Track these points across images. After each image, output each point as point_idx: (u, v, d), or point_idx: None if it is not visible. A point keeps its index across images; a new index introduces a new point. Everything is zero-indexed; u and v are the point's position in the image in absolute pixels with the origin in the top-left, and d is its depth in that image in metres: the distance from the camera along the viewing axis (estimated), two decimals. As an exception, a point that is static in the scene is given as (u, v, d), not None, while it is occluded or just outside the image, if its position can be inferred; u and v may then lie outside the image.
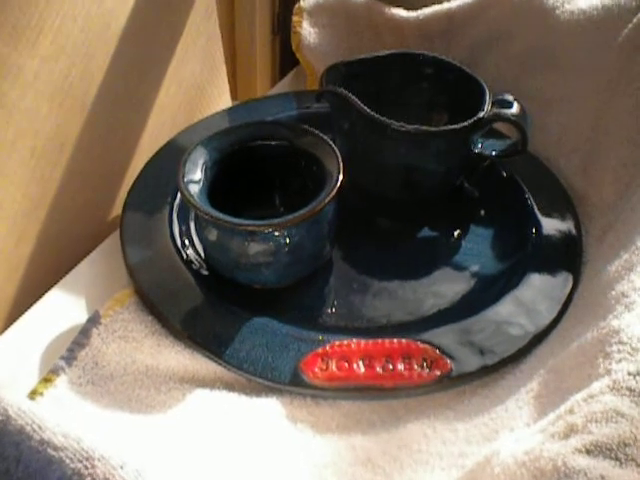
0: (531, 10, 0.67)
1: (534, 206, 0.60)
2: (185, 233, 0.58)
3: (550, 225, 0.59)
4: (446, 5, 0.72)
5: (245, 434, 0.45)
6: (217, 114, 0.70)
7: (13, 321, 0.52)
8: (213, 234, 0.52)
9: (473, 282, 0.56)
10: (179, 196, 0.59)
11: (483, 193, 0.64)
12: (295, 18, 0.76)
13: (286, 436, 0.45)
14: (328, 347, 0.49)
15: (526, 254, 0.56)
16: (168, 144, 0.65)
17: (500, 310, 0.52)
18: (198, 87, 0.72)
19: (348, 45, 0.75)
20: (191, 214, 0.58)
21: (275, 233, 0.50)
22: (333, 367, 0.48)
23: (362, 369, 0.47)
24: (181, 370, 0.48)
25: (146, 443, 0.43)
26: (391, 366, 0.47)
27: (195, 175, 0.51)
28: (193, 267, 0.55)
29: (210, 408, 0.46)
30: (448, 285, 0.55)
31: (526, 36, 0.67)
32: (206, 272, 0.55)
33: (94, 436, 0.35)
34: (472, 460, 0.42)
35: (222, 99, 0.76)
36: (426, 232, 0.61)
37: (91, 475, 0.34)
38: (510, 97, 0.59)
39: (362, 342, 0.49)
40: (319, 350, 0.48)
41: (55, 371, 0.47)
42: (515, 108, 0.58)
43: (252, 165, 0.56)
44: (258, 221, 0.49)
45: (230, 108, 0.72)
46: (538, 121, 0.62)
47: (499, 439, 0.43)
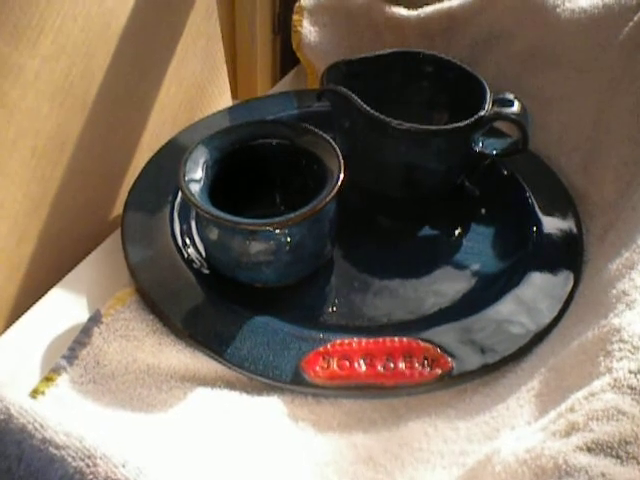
0: (532, 8, 0.67)
1: (535, 205, 0.60)
2: (186, 232, 0.58)
3: (551, 224, 0.59)
4: (447, 4, 0.72)
5: (246, 433, 0.45)
6: (218, 113, 0.70)
7: (14, 320, 0.52)
8: (214, 233, 0.52)
9: (474, 281, 0.56)
10: (180, 195, 0.59)
11: (484, 192, 0.64)
12: (295, 17, 0.76)
13: (287, 435, 0.45)
14: (329, 346, 0.49)
15: (527, 253, 0.56)
16: (169, 143, 0.65)
17: (501, 309, 0.52)
18: (199, 86, 0.72)
19: (349, 44, 0.75)
20: (192, 213, 0.58)
21: (276, 232, 0.50)
22: (334, 366, 0.48)
23: (363, 368, 0.48)
24: (182, 369, 0.48)
25: (147, 442, 0.43)
26: (392, 365, 0.48)
27: (196, 174, 0.51)
28: (194, 266, 0.55)
29: (211, 407, 0.46)
30: (449, 284, 0.55)
31: (527, 34, 0.67)
32: (207, 271, 0.55)
33: (96, 435, 0.35)
34: (473, 458, 0.42)
35: (223, 98, 0.76)
36: (427, 231, 0.61)
37: (93, 473, 0.34)
38: (511, 96, 0.59)
39: (363, 341, 0.49)
40: (320, 349, 0.48)
41: (56, 370, 0.47)
42: (516, 107, 0.58)
43: (253, 164, 0.56)
44: (259, 220, 0.49)
45: (231, 107, 0.72)
46: (539, 120, 0.62)
47: (500, 437, 0.43)
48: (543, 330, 0.50)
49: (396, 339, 0.49)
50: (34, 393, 0.46)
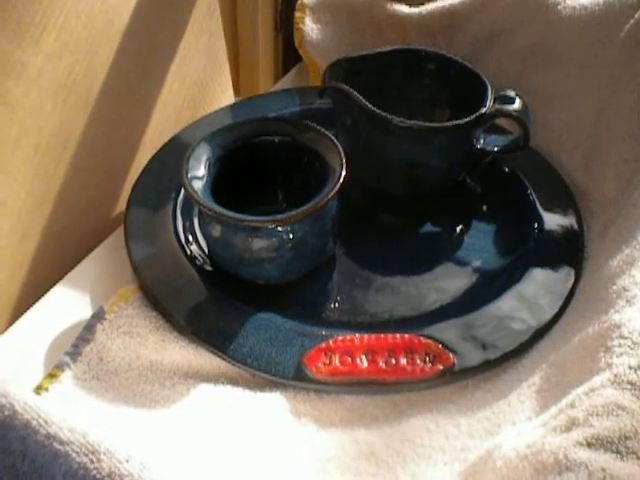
0: (533, 6, 0.67)
1: (536, 201, 0.60)
2: (189, 229, 0.58)
3: (552, 220, 0.59)
4: (448, 1, 0.72)
5: (249, 428, 0.45)
6: (220, 110, 0.70)
7: (18, 317, 0.52)
8: (217, 230, 0.52)
9: (475, 277, 0.56)
10: (183, 192, 0.59)
11: (485, 189, 0.64)
12: (298, 14, 0.76)
13: (290, 430, 0.45)
14: (331, 342, 0.49)
15: (528, 249, 0.57)
16: (171, 140, 0.65)
17: (502, 305, 0.52)
18: (201, 84, 0.72)
19: (350, 41, 0.76)
20: (195, 210, 0.58)
21: (278, 229, 0.50)
22: (336, 362, 0.48)
23: (365, 364, 0.48)
24: (185, 365, 0.49)
25: (151, 438, 0.43)
26: (394, 361, 0.48)
27: (199, 171, 0.52)
28: (197, 263, 0.55)
29: (214, 403, 0.46)
30: (450, 280, 0.55)
31: (528, 32, 0.67)
32: (210, 268, 0.55)
33: (100, 430, 0.36)
34: (475, 454, 0.42)
35: (225, 95, 0.76)
36: (428, 228, 0.61)
37: (97, 469, 0.34)
38: (512, 93, 0.59)
39: (365, 337, 0.49)
40: (322, 345, 0.49)
41: (60, 367, 0.47)
42: (517, 104, 0.58)
43: (255, 161, 0.56)
44: (261, 217, 0.49)
45: (233, 104, 0.72)
46: (540, 117, 0.62)
47: (501, 433, 0.43)
48: (544, 326, 0.50)
49: (398, 335, 0.49)
50: (38, 389, 0.46)
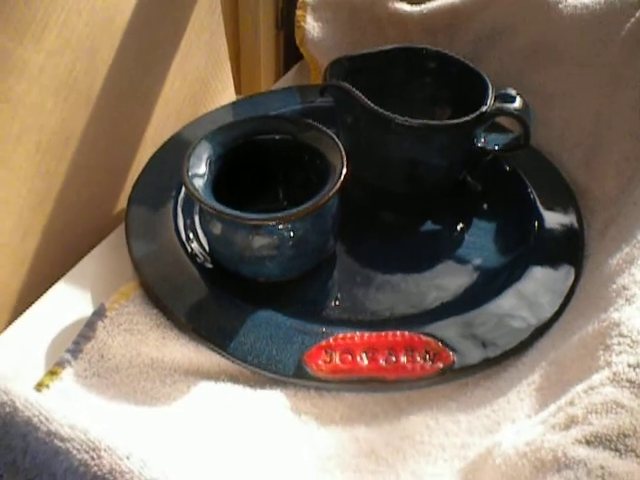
0: (534, 4, 0.67)
1: (536, 200, 0.60)
2: (190, 227, 0.58)
3: (552, 219, 0.59)
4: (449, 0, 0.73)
5: (249, 426, 0.45)
6: (221, 108, 0.70)
7: (19, 315, 0.52)
8: (217, 228, 0.52)
9: (476, 275, 0.56)
10: (184, 190, 0.59)
11: (486, 187, 0.64)
12: (299, 12, 0.76)
13: (290, 428, 0.46)
14: (332, 340, 0.49)
15: (528, 247, 0.57)
16: (172, 138, 0.65)
17: (502, 303, 0.52)
18: (202, 81, 0.72)
19: (351, 39, 0.76)
20: (195, 208, 0.58)
21: (279, 227, 0.50)
22: (337, 360, 0.48)
23: (365, 362, 0.48)
24: (186, 362, 0.49)
25: (151, 435, 0.43)
26: (394, 358, 0.48)
27: (199, 169, 0.52)
28: (198, 261, 0.55)
29: (214, 400, 0.46)
30: (451, 278, 0.55)
31: (529, 30, 0.67)
32: (210, 265, 0.55)
33: (100, 427, 0.36)
34: (474, 451, 0.42)
35: (226, 93, 0.76)
36: (429, 226, 0.61)
37: (97, 466, 0.34)
38: (513, 91, 0.59)
39: (365, 335, 0.49)
40: (323, 343, 0.49)
41: (61, 364, 0.47)
42: (518, 102, 0.58)
43: (256, 159, 0.56)
44: (262, 215, 0.49)
45: (234, 102, 0.72)
46: (541, 116, 0.62)
47: (501, 430, 0.43)
48: (544, 324, 0.51)
49: (398, 333, 0.49)
50: (39, 387, 0.46)
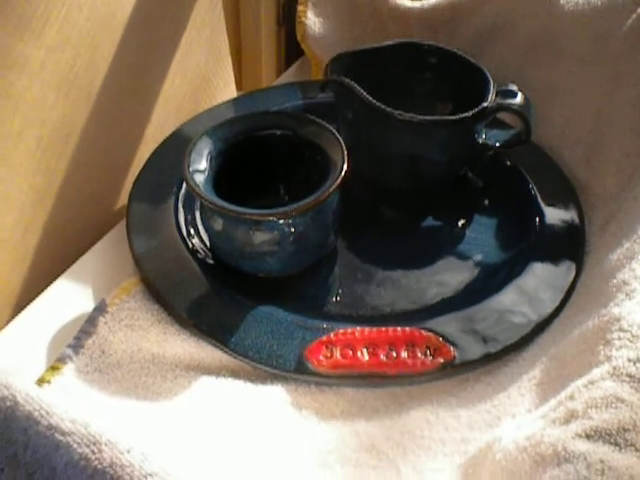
0: (535, 0, 0.67)
1: (537, 196, 0.60)
2: (190, 223, 0.58)
3: (553, 215, 0.59)
4: (450, -5, 0.72)
5: (250, 421, 0.45)
6: (222, 104, 0.70)
7: (20, 310, 0.52)
8: (218, 223, 0.52)
9: (476, 271, 0.56)
10: (184, 186, 0.59)
11: (487, 183, 0.64)
12: (300, 8, 0.76)
13: (291, 423, 0.46)
14: (332, 335, 0.49)
15: (529, 243, 0.57)
16: (173, 134, 0.65)
17: (503, 299, 0.52)
18: (203, 78, 0.72)
19: (352, 35, 0.76)
20: (196, 204, 0.58)
21: (280, 222, 0.50)
22: (337, 355, 0.48)
23: (366, 357, 0.48)
24: (187, 358, 0.49)
25: (152, 430, 0.43)
26: (395, 354, 0.48)
27: (200, 165, 0.52)
28: (198, 256, 0.55)
29: (215, 395, 0.46)
30: (452, 274, 0.55)
31: (530, 26, 0.67)
32: (211, 261, 0.55)
33: (101, 421, 0.36)
34: (474, 446, 0.42)
35: (227, 90, 0.76)
36: (430, 222, 0.62)
37: (98, 459, 0.34)
38: (514, 87, 0.59)
39: (366, 330, 0.49)
40: (323, 338, 0.49)
41: (62, 359, 0.47)
42: (519, 98, 0.58)
43: (257, 155, 0.56)
44: (263, 210, 0.49)
45: (235, 98, 0.72)
46: (542, 112, 0.62)
47: (501, 425, 0.43)
48: (545, 320, 0.51)
49: (399, 328, 0.49)
50: (40, 382, 0.46)
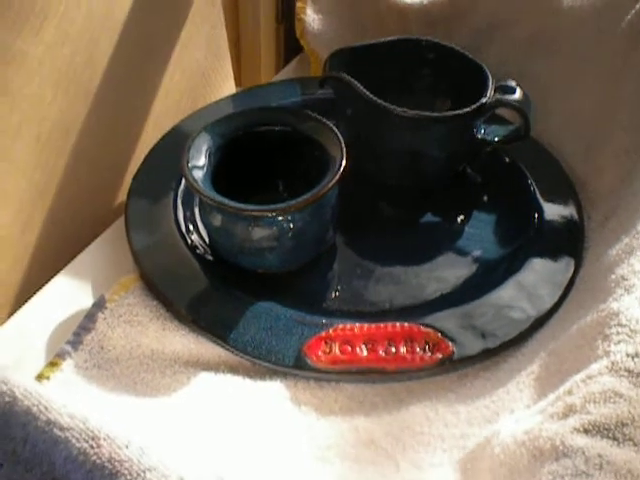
0: (534, -4, 0.67)
1: (537, 192, 0.60)
2: (189, 218, 0.58)
3: (552, 210, 0.59)
4: (449, -9, 0.72)
5: (249, 416, 0.45)
6: (221, 100, 0.70)
7: (20, 306, 0.52)
8: (217, 219, 0.52)
9: (475, 267, 0.56)
10: (183, 182, 0.59)
11: (486, 179, 0.64)
12: (299, 4, 0.76)
13: (290, 418, 0.46)
14: (331, 331, 0.49)
15: (528, 239, 0.57)
16: (172, 130, 0.65)
17: (502, 294, 0.52)
18: (202, 74, 0.72)
19: (351, 31, 0.75)
20: (195, 199, 0.58)
21: (279, 218, 0.50)
22: (336, 350, 0.48)
23: (365, 352, 0.48)
24: (186, 354, 0.49)
25: (151, 426, 0.43)
26: (394, 349, 0.48)
27: (199, 161, 0.52)
28: (197, 252, 0.55)
29: (215, 391, 0.47)
30: (450, 270, 0.55)
31: (529, 22, 0.67)
32: (210, 257, 0.55)
33: (100, 416, 0.36)
34: (473, 442, 0.43)
35: (226, 86, 0.76)
36: (429, 217, 0.62)
37: (97, 454, 0.34)
38: (513, 83, 0.59)
39: (365, 326, 0.49)
40: (322, 334, 0.49)
41: (61, 355, 0.47)
42: (518, 94, 0.58)
43: (256, 151, 0.56)
44: (262, 206, 0.49)
45: (234, 94, 0.72)
46: (541, 108, 0.61)
47: (500, 421, 0.43)
48: (543, 315, 0.51)
49: (397, 324, 0.49)
50: (39, 378, 0.46)
